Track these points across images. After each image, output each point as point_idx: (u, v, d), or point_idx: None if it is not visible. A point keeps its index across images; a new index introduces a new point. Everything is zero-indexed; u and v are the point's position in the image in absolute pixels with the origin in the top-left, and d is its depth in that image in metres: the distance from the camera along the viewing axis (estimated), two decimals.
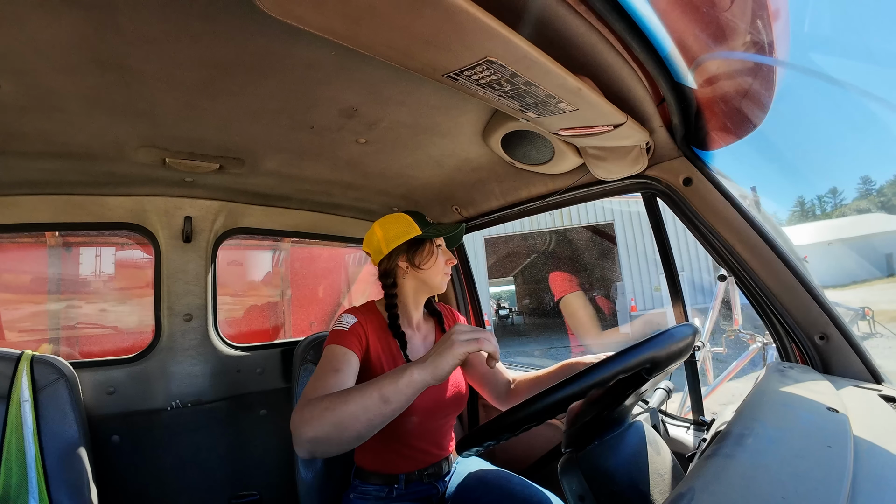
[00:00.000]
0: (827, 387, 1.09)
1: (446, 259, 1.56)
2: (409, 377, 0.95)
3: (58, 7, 0.82)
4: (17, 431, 1.39)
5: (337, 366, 1.25)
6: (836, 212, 66.22)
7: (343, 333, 1.38)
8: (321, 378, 1.21)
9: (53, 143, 1.38)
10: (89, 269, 2.49)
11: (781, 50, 0.95)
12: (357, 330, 1.40)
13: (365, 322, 1.45)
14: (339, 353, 1.31)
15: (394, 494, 1.45)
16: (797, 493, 0.62)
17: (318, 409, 1.00)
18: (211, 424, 2.02)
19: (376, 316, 1.52)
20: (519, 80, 0.89)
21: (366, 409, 0.96)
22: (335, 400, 1.00)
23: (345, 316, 1.45)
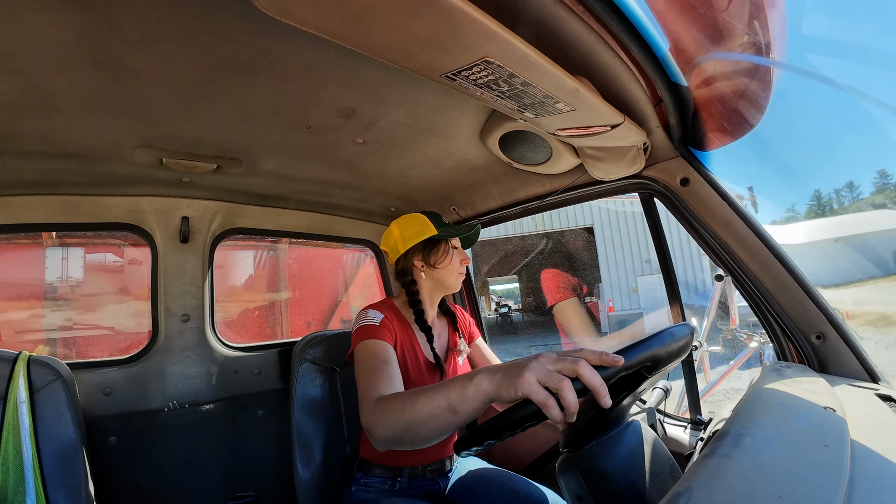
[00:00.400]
0: (824, 386, 1.10)
1: (461, 259, 1.59)
2: (476, 385, 0.87)
3: (55, 6, 0.82)
4: (13, 433, 1.38)
5: (384, 356, 1.29)
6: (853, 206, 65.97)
7: (375, 328, 1.39)
8: (374, 372, 1.22)
9: (50, 142, 1.37)
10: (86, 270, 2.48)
11: (778, 51, 0.95)
12: (386, 324, 1.43)
13: (390, 317, 1.47)
14: (379, 346, 1.34)
15: (396, 487, 1.46)
16: (794, 493, 0.62)
17: (389, 411, 1.03)
18: (208, 425, 2.01)
19: (397, 313, 1.54)
20: (517, 81, 0.89)
21: (434, 417, 0.93)
22: (406, 403, 1.00)
23: (370, 312, 1.47)
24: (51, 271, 2.24)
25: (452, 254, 1.58)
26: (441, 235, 1.56)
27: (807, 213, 72.03)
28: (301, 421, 1.60)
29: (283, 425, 2.08)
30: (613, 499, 0.88)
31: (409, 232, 1.57)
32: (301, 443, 1.57)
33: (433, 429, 0.94)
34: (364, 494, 1.45)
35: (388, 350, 1.33)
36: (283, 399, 2.17)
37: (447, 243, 1.58)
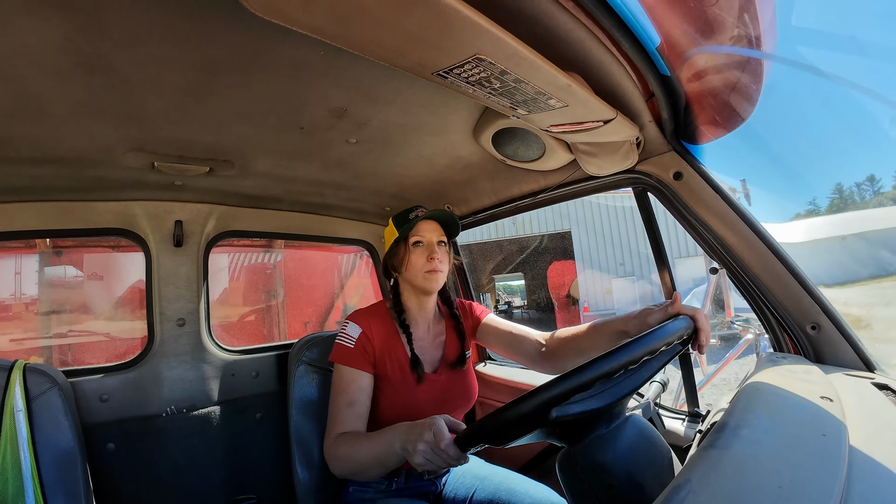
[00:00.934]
0: (820, 376, 1.10)
1: (427, 256, 1.48)
2: (394, 451, 1.11)
3: (43, 10, 0.81)
4: (11, 442, 1.37)
5: (350, 397, 1.36)
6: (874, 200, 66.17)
7: (350, 352, 1.40)
8: (338, 410, 1.35)
9: (40, 148, 1.36)
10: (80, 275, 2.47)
11: (769, 43, 0.96)
12: (362, 343, 1.41)
13: (369, 329, 1.44)
14: (350, 378, 1.37)
15: (393, 487, 1.45)
16: (793, 482, 0.62)
17: (339, 457, 1.26)
18: (207, 429, 2.01)
19: (383, 318, 1.51)
20: (508, 78, 0.89)
21: (370, 468, 1.21)
22: (349, 451, 1.24)
23: (349, 326, 1.45)
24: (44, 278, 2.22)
25: (411, 252, 1.49)
26: (400, 236, 1.51)
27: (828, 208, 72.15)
28: (299, 422, 1.59)
29: (281, 427, 2.08)
30: (614, 493, 0.88)
31: (387, 237, 1.57)
32: (300, 444, 1.57)
33: (372, 474, 1.24)
34: (361, 495, 1.45)
35: (356, 383, 1.38)
36: (281, 401, 2.17)
37: (405, 243, 1.50)
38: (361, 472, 1.24)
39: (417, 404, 1.41)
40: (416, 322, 1.56)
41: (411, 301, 1.56)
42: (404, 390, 1.43)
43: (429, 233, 1.50)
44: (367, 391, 1.38)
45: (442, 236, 1.53)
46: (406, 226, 1.48)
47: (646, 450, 0.98)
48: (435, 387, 1.48)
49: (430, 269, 1.47)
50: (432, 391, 1.47)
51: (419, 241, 1.49)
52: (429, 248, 1.49)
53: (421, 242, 1.49)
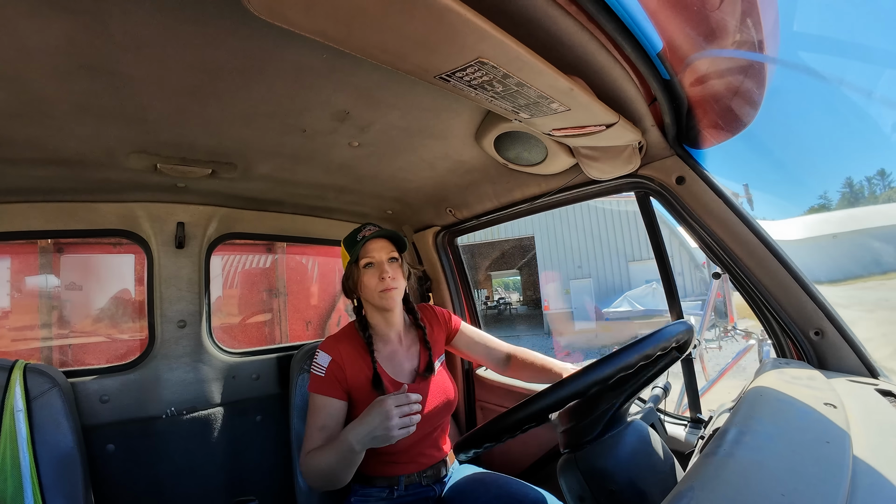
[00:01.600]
0: (823, 382, 1.10)
1: (378, 275, 1.49)
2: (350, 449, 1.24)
3: (46, 12, 0.81)
4: (11, 442, 1.37)
5: (322, 422, 1.41)
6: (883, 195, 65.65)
7: (321, 381, 1.44)
8: (312, 432, 1.40)
9: (44, 149, 1.36)
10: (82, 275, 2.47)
11: (771, 48, 0.95)
12: (332, 371, 1.44)
13: (339, 356, 1.47)
14: (322, 405, 1.42)
15: (394, 496, 1.46)
16: (796, 490, 0.62)
17: (309, 469, 1.33)
18: (207, 431, 2.00)
19: (352, 340, 1.53)
20: (511, 81, 0.89)
21: (334, 472, 1.29)
22: (315, 464, 1.31)
23: (319, 355, 1.48)
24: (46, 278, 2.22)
25: (363, 274, 1.51)
26: (351, 259, 1.53)
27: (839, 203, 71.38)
28: (299, 428, 1.59)
29: (282, 430, 2.07)
30: (615, 498, 0.88)
31: (343, 259, 1.59)
32: (300, 449, 1.56)
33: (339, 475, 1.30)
34: (362, 501, 1.45)
35: (327, 411, 1.42)
36: (281, 404, 2.16)
37: (357, 266, 1.52)
38: (331, 477, 1.30)
39: None
40: (385, 337, 1.58)
41: (375, 318, 1.58)
42: None
43: (377, 252, 1.51)
44: (336, 416, 1.42)
45: (392, 252, 1.54)
46: (354, 248, 1.50)
47: (647, 456, 0.98)
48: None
49: (384, 287, 1.48)
50: None
51: (370, 263, 1.51)
52: (379, 268, 1.50)
53: (371, 263, 1.51)
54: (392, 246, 1.54)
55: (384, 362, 1.52)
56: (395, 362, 1.54)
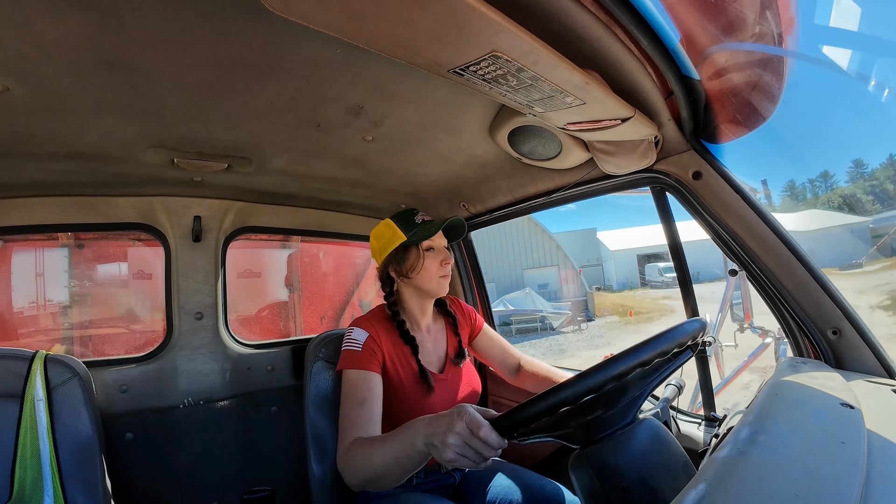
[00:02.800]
0: (840, 382, 1.08)
1: (441, 260, 1.50)
2: (415, 448, 1.01)
3: (64, 9, 0.82)
4: (31, 430, 1.40)
5: (361, 396, 1.33)
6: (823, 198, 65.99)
7: (357, 354, 1.39)
8: (350, 413, 1.31)
9: (63, 144, 1.39)
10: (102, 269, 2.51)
11: (791, 40, 0.94)
12: (370, 345, 1.41)
13: (376, 333, 1.45)
14: (360, 379, 1.36)
15: (413, 483, 1.47)
16: (810, 490, 0.61)
17: (353, 465, 1.17)
18: (223, 421, 2.04)
19: (385, 323, 1.51)
20: (525, 75, 0.89)
21: (386, 472, 1.09)
22: (364, 457, 1.14)
23: (354, 331, 1.45)
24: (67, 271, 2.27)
25: (425, 258, 1.49)
26: (409, 241, 1.49)
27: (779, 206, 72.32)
28: (315, 418, 1.61)
29: (296, 421, 2.10)
30: (626, 495, 0.88)
31: (381, 242, 1.54)
32: (315, 440, 1.58)
33: (390, 480, 1.10)
34: (381, 491, 1.46)
35: (367, 384, 1.35)
36: (296, 395, 2.19)
37: (418, 248, 1.49)
38: (378, 479, 1.12)
39: (432, 408, 1.42)
40: (418, 326, 1.58)
41: (414, 305, 1.57)
42: (417, 397, 1.44)
43: (439, 238, 1.53)
44: (377, 391, 1.36)
45: (445, 242, 1.57)
46: (418, 230, 1.49)
47: (659, 453, 0.97)
48: (445, 387, 1.51)
49: (444, 274, 1.50)
50: (444, 392, 1.49)
51: (432, 247, 1.51)
52: (441, 254, 1.52)
53: (433, 248, 1.52)
54: (443, 236, 1.57)
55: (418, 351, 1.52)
56: (426, 351, 1.55)
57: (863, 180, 70.39)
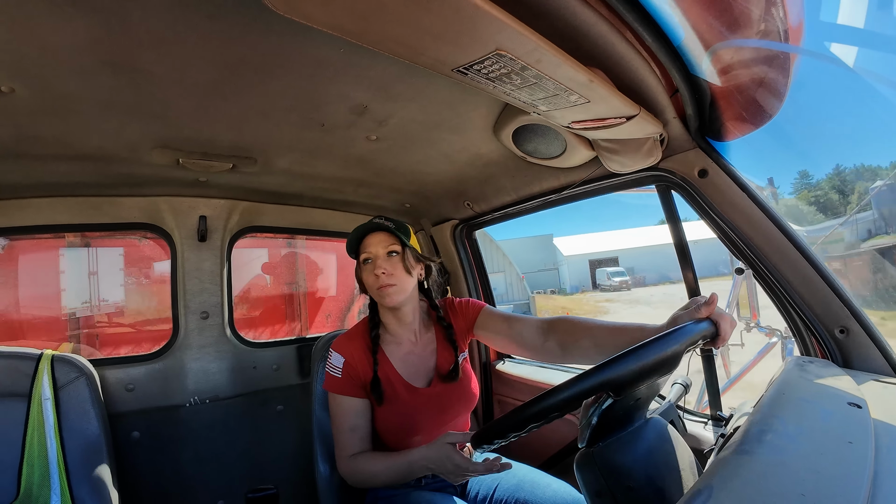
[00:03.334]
0: (847, 381, 1.07)
1: (374, 271, 1.41)
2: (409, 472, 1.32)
3: (68, 11, 0.83)
4: (38, 429, 1.41)
5: (350, 423, 1.41)
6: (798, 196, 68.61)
7: (338, 381, 1.42)
8: (342, 436, 1.41)
9: (68, 145, 1.39)
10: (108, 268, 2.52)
11: (797, 37, 0.93)
12: (347, 371, 1.42)
13: (351, 356, 1.43)
14: (346, 407, 1.42)
15: (422, 483, 1.47)
16: (817, 490, 0.61)
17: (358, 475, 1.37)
18: (228, 420, 2.05)
19: (362, 339, 1.48)
20: (529, 73, 0.88)
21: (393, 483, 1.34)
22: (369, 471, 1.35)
23: (333, 356, 1.44)
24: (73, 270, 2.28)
25: (363, 271, 1.46)
26: (355, 255, 1.48)
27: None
28: (322, 418, 1.61)
29: (302, 420, 2.10)
30: (632, 495, 0.87)
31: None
32: (322, 440, 1.58)
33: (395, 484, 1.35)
34: (389, 491, 1.45)
35: (353, 410, 1.41)
36: (301, 394, 2.19)
37: (358, 260, 1.47)
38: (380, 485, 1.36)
39: (414, 416, 1.42)
40: (398, 336, 1.52)
41: (387, 316, 1.52)
42: (397, 406, 1.42)
43: (374, 246, 1.43)
44: (364, 414, 1.42)
45: (392, 246, 1.43)
46: (353, 243, 1.46)
47: (666, 453, 0.97)
48: (431, 400, 1.45)
49: (379, 285, 1.40)
50: (429, 404, 1.45)
51: (367, 258, 1.44)
52: (373, 264, 1.42)
53: (369, 259, 1.44)
54: (392, 238, 1.43)
55: (398, 364, 1.47)
56: (410, 364, 1.49)
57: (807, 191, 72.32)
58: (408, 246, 1.45)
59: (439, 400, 1.47)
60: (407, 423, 1.41)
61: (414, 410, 1.42)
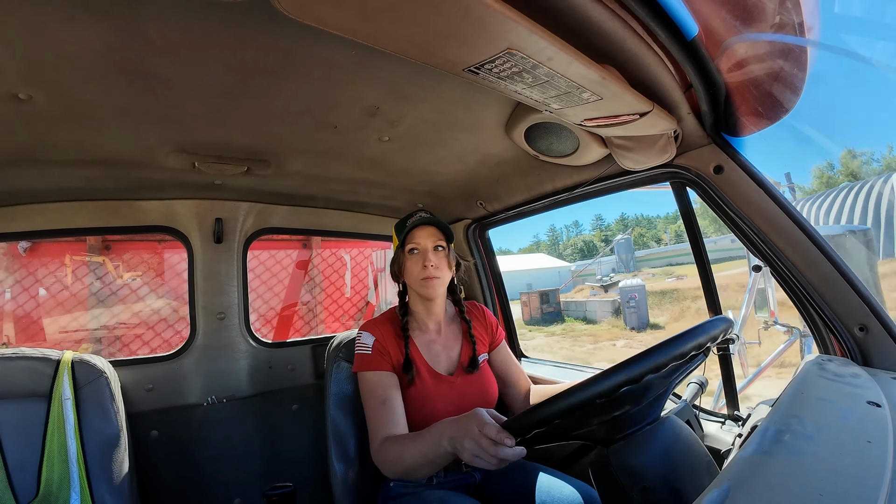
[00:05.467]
0: (867, 380, 1.05)
1: (422, 262, 1.49)
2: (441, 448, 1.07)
3: (84, 19, 0.84)
4: (58, 429, 1.44)
5: (381, 395, 1.39)
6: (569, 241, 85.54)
7: (368, 357, 1.44)
8: (375, 413, 1.37)
9: (86, 151, 1.42)
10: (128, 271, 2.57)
11: (813, 30, 0.91)
12: (378, 348, 1.45)
13: (382, 336, 1.48)
14: (376, 379, 1.41)
15: (434, 483, 1.47)
16: (835, 490, 0.60)
17: (388, 462, 1.26)
18: (245, 419, 2.07)
19: (393, 324, 1.54)
20: (541, 72, 0.88)
21: (420, 467, 1.17)
22: (397, 454, 1.23)
23: (363, 336, 1.49)
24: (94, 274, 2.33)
25: (407, 259, 1.51)
26: (399, 243, 1.53)
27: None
28: (336, 417, 1.62)
29: (317, 420, 2.12)
30: (648, 495, 0.87)
31: (393, 243, 1.60)
32: (336, 439, 1.59)
33: (424, 472, 1.20)
34: (402, 489, 1.46)
35: (384, 383, 1.41)
36: (316, 394, 2.21)
37: (402, 250, 1.52)
38: (412, 473, 1.21)
39: (435, 404, 1.44)
40: (424, 325, 1.58)
41: (418, 305, 1.59)
42: (420, 389, 1.45)
43: (424, 239, 1.50)
44: (395, 387, 1.41)
45: (439, 241, 1.52)
46: (401, 233, 1.50)
47: (682, 453, 0.96)
48: (452, 389, 1.50)
49: (425, 276, 1.48)
50: (449, 393, 1.48)
51: (414, 249, 1.51)
52: (423, 255, 1.50)
53: (416, 249, 1.51)
54: (440, 234, 1.53)
55: (423, 350, 1.53)
56: (433, 352, 1.55)
57: (599, 231, 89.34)
58: (451, 245, 1.57)
59: (459, 390, 1.50)
60: (427, 410, 1.42)
61: (435, 397, 1.45)
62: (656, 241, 71.86)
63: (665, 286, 22.84)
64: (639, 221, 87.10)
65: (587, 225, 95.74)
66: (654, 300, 19.16)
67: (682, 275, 26.78)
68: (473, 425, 0.97)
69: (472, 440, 0.95)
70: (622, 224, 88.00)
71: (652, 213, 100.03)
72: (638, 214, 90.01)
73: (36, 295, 2.32)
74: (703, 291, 1.57)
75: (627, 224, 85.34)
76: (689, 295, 18.56)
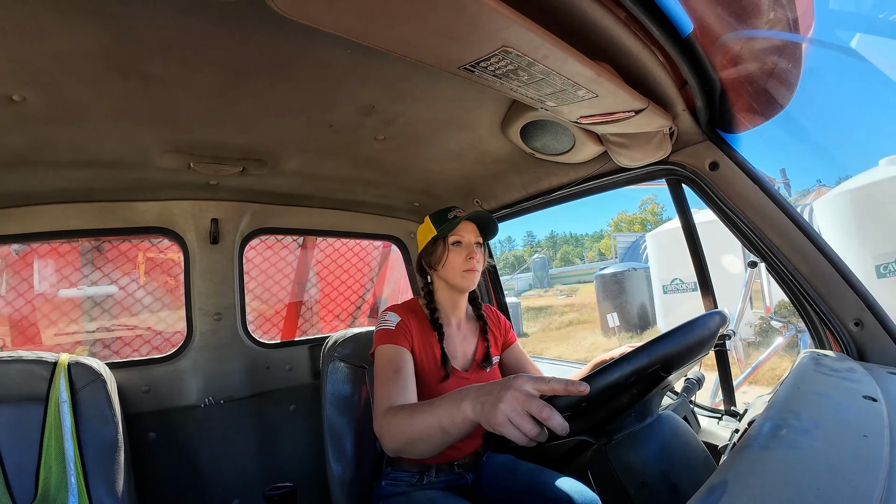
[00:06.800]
0: (863, 375, 1.06)
1: (467, 255, 1.51)
2: (462, 412, 0.90)
3: (78, 19, 0.84)
4: (55, 432, 1.44)
5: (396, 365, 1.34)
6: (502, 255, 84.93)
7: (391, 332, 1.42)
8: (386, 382, 1.29)
9: (81, 152, 1.41)
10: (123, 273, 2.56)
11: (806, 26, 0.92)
12: (403, 327, 1.44)
13: (408, 319, 1.47)
14: (394, 351, 1.38)
15: (424, 482, 1.47)
16: (832, 485, 0.60)
17: (392, 426, 1.11)
18: (243, 420, 2.07)
19: (418, 313, 1.54)
20: (536, 69, 0.88)
21: (430, 436, 0.99)
22: (406, 420, 1.07)
23: (389, 314, 1.48)
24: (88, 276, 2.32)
25: (450, 251, 1.52)
26: (439, 234, 1.53)
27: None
28: (332, 417, 1.62)
29: (315, 419, 2.12)
30: (646, 491, 0.87)
31: (421, 236, 1.59)
32: (333, 438, 1.59)
33: (431, 444, 1.01)
34: (393, 489, 1.46)
35: (401, 356, 1.37)
36: (313, 394, 2.21)
37: (445, 242, 1.52)
38: (417, 443, 1.04)
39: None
40: (448, 319, 1.58)
41: (445, 298, 1.58)
42: (433, 385, 1.45)
43: (468, 233, 1.53)
44: (410, 362, 1.39)
45: (479, 237, 1.56)
46: (446, 225, 1.50)
47: (679, 449, 0.96)
48: (465, 384, 1.48)
49: (469, 268, 1.50)
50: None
51: (458, 241, 1.52)
52: (468, 248, 1.52)
53: (460, 242, 1.52)
54: (478, 232, 1.57)
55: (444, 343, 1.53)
56: (451, 346, 1.55)
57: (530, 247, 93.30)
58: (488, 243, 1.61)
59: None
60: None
61: (445, 389, 1.43)
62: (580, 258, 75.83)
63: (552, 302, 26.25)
64: (566, 239, 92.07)
65: (520, 241, 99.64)
66: (532, 315, 21.90)
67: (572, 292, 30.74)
68: (520, 381, 0.81)
69: (516, 396, 0.78)
70: (552, 241, 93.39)
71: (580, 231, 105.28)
72: (566, 232, 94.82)
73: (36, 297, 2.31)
74: (699, 287, 1.57)
75: (556, 241, 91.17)
76: (557, 311, 21.46)
